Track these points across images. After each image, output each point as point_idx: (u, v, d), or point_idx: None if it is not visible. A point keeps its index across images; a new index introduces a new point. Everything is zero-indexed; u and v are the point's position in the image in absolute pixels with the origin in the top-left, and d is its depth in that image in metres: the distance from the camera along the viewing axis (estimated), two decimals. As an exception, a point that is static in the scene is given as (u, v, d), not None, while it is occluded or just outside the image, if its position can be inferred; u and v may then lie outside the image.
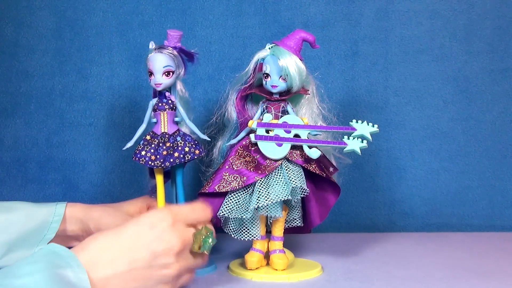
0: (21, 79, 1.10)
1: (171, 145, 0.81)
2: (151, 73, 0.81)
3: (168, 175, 0.87)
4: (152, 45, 0.82)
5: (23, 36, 1.10)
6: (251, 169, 0.80)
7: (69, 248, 0.59)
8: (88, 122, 1.11)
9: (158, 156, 0.80)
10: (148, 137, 0.82)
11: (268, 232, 0.84)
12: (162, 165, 0.80)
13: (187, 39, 0.84)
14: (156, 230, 0.62)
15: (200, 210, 0.68)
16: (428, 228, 1.13)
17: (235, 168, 0.80)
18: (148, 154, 0.81)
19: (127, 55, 1.11)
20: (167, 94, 0.83)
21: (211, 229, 0.68)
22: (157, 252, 0.61)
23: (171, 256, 0.62)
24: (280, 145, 0.80)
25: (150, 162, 0.81)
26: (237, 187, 0.79)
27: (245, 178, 0.79)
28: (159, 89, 0.81)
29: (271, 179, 0.79)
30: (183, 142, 0.82)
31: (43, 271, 0.53)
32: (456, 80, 1.13)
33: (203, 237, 0.66)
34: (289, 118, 0.81)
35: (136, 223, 0.62)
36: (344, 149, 0.79)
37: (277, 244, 0.82)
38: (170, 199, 0.87)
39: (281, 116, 0.82)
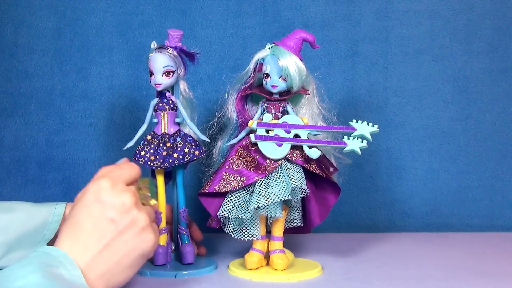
0: (21, 79, 1.10)
1: (171, 145, 0.81)
2: (151, 73, 0.81)
3: (170, 176, 0.87)
4: (154, 44, 0.82)
5: (23, 36, 1.10)
6: (251, 169, 0.80)
7: None
8: (88, 122, 1.11)
9: (157, 157, 0.80)
10: (148, 137, 0.82)
11: (268, 232, 0.84)
12: (161, 165, 0.80)
13: (187, 39, 0.84)
14: (103, 199, 0.62)
15: (129, 167, 0.68)
16: (428, 228, 1.13)
17: (235, 168, 0.80)
18: (148, 155, 0.81)
19: (127, 55, 1.11)
20: (167, 94, 0.83)
21: (146, 178, 0.70)
22: (115, 217, 0.62)
23: (130, 211, 0.63)
24: (280, 145, 0.80)
25: (149, 163, 0.80)
26: (237, 187, 0.79)
27: (245, 178, 0.79)
28: (159, 89, 0.81)
29: (271, 179, 0.79)
30: (182, 143, 0.81)
31: (36, 271, 0.53)
32: (456, 80, 1.13)
33: (146, 185, 0.68)
34: (289, 118, 0.81)
35: (82, 204, 0.63)
36: (344, 149, 0.79)
37: (277, 244, 0.82)
38: (171, 199, 0.87)
39: (281, 116, 0.82)
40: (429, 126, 1.13)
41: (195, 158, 0.82)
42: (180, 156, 0.81)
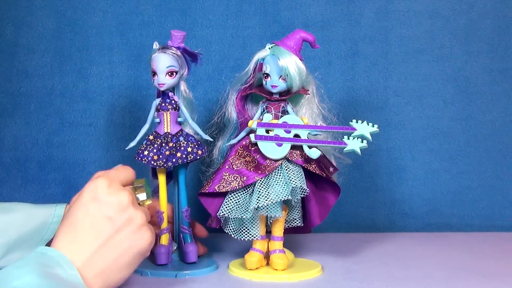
0: (21, 79, 1.10)
1: (174, 145, 0.81)
2: (154, 73, 0.81)
3: (171, 176, 0.87)
4: (156, 45, 0.82)
5: (23, 36, 1.10)
6: (251, 169, 0.80)
7: None
8: (88, 122, 1.11)
9: (160, 156, 0.80)
10: (151, 137, 0.82)
11: (268, 232, 0.84)
12: (165, 165, 0.80)
13: (187, 39, 0.84)
14: (100, 198, 0.63)
15: (124, 169, 0.69)
16: (428, 228, 1.13)
17: (235, 168, 0.80)
18: (151, 154, 0.81)
19: (127, 55, 1.11)
20: (170, 94, 0.83)
21: (142, 179, 0.71)
22: (112, 215, 0.62)
23: (126, 209, 0.63)
24: (280, 145, 0.80)
25: (152, 162, 0.81)
26: (237, 187, 0.79)
27: (245, 178, 0.79)
28: (162, 89, 0.81)
29: (271, 179, 0.79)
30: (185, 142, 0.82)
31: (32, 272, 0.53)
32: (456, 80, 1.13)
33: (142, 185, 0.69)
34: (289, 118, 0.81)
35: (79, 204, 0.63)
36: (344, 149, 0.79)
37: (277, 244, 0.82)
38: (172, 199, 0.87)
39: (281, 116, 0.82)
40: (429, 126, 1.13)
41: (198, 157, 0.82)
42: (184, 156, 0.81)
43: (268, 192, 0.78)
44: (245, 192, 0.81)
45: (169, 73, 0.81)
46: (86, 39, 1.10)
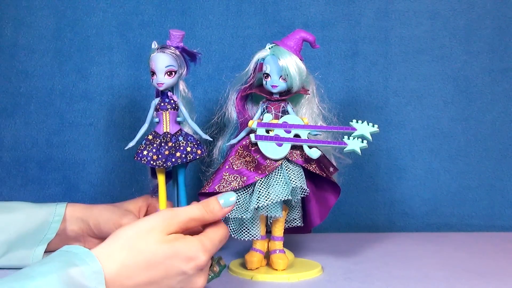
0: (21, 79, 1.10)
1: (173, 145, 0.81)
2: (153, 73, 0.81)
3: (170, 175, 0.87)
4: (154, 44, 0.82)
5: (23, 36, 1.10)
6: (251, 169, 0.80)
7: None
8: (88, 122, 1.11)
9: (160, 156, 0.80)
10: (150, 137, 0.82)
11: (268, 232, 0.84)
12: (164, 165, 0.80)
13: (187, 39, 0.84)
14: (189, 273, 0.60)
15: (224, 240, 0.66)
16: (428, 228, 1.13)
17: (235, 168, 0.80)
18: (150, 154, 0.81)
19: (127, 55, 1.11)
20: (169, 94, 0.83)
21: (224, 264, 0.69)
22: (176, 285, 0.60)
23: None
24: (280, 145, 0.80)
25: (152, 162, 0.80)
26: (237, 187, 0.79)
27: (245, 178, 0.79)
28: (161, 88, 0.81)
29: (271, 179, 0.79)
30: (185, 142, 0.82)
31: (56, 271, 0.52)
32: (456, 80, 1.13)
33: (220, 264, 0.67)
34: (289, 118, 0.81)
35: (171, 251, 0.59)
36: (344, 149, 0.79)
37: (277, 244, 0.82)
38: (172, 199, 0.87)
39: (281, 116, 0.82)
40: (429, 126, 1.13)
41: (198, 157, 0.82)
42: (183, 155, 0.81)
43: (268, 192, 0.78)
44: (245, 192, 0.81)
45: (168, 73, 0.81)
46: (86, 39, 1.10)
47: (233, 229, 0.81)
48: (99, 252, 0.57)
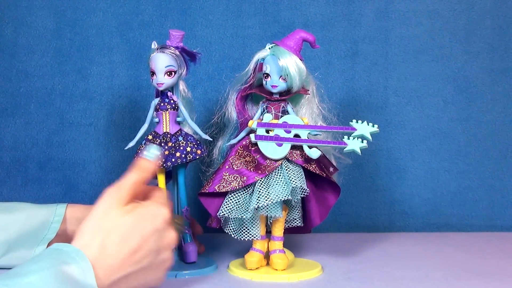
0: (21, 79, 1.10)
1: (173, 145, 0.81)
2: (153, 73, 0.81)
3: (170, 175, 0.87)
4: (154, 44, 0.82)
5: (23, 36, 1.10)
6: (251, 169, 0.80)
7: None
8: (88, 122, 1.11)
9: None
10: (150, 137, 0.82)
11: (268, 232, 0.84)
12: (164, 165, 0.80)
13: (187, 39, 0.84)
14: (160, 228, 0.64)
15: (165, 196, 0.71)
16: (428, 228, 1.13)
17: (235, 168, 0.80)
18: (150, 154, 0.81)
19: (127, 55, 1.11)
20: (169, 94, 0.83)
21: (181, 217, 0.74)
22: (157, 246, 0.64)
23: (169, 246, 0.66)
24: (280, 145, 0.80)
25: (151, 162, 0.80)
26: (237, 187, 0.79)
27: (245, 178, 0.79)
28: (161, 88, 0.81)
29: (271, 179, 0.79)
30: (185, 142, 0.82)
31: (48, 268, 0.53)
32: (456, 80, 1.13)
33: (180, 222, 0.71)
34: (289, 118, 0.81)
35: (137, 220, 0.63)
36: (344, 149, 0.79)
37: (277, 244, 0.82)
38: (172, 199, 0.87)
39: (281, 116, 0.82)
40: (429, 126, 1.13)
41: (197, 157, 0.82)
42: (183, 155, 0.81)
43: (268, 192, 0.78)
44: (245, 192, 0.81)
45: (168, 73, 0.81)
46: (86, 39, 1.10)
47: (233, 229, 0.81)
48: (77, 246, 0.59)
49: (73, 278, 0.54)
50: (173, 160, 0.81)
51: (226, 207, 0.79)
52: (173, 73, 0.81)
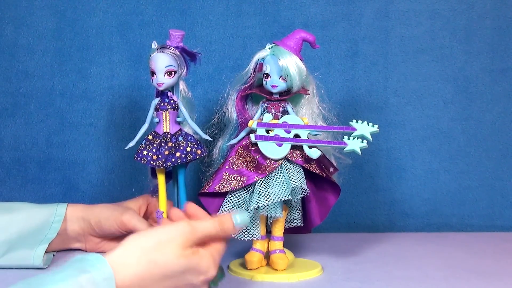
0: (21, 79, 1.10)
1: (173, 145, 0.81)
2: (153, 73, 0.81)
3: (170, 175, 0.87)
4: (154, 44, 0.82)
5: (23, 36, 1.10)
6: (251, 169, 0.80)
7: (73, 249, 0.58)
8: (88, 122, 1.11)
9: (160, 156, 0.80)
10: (150, 137, 0.82)
11: (268, 232, 0.84)
12: (164, 165, 0.80)
13: (187, 39, 0.84)
14: (195, 284, 0.61)
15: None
16: (428, 228, 1.13)
17: (235, 168, 0.80)
18: (150, 154, 0.81)
19: (127, 55, 1.11)
20: (169, 94, 0.83)
21: (223, 272, 0.69)
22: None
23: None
24: (280, 145, 0.80)
25: (152, 162, 0.81)
26: (237, 187, 0.79)
27: (245, 178, 0.79)
28: (161, 88, 0.81)
29: (271, 179, 0.79)
30: (185, 142, 0.82)
31: (67, 279, 0.51)
32: (456, 80, 1.13)
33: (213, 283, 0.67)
34: (289, 118, 0.81)
35: (173, 268, 0.59)
36: (344, 149, 0.79)
37: (277, 244, 0.82)
38: (172, 199, 0.87)
39: (281, 116, 0.82)
40: (429, 126, 1.13)
41: (197, 157, 0.82)
42: (183, 155, 0.81)
43: (268, 192, 0.78)
44: (245, 192, 0.81)
45: (168, 73, 0.81)
46: (86, 39, 1.10)
47: (233, 229, 0.81)
48: (113, 259, 0.56)
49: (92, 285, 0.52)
50: (173, 160, 0.81)
51: (226, 207, 0.79)
52: (173, 73, 0.81)
